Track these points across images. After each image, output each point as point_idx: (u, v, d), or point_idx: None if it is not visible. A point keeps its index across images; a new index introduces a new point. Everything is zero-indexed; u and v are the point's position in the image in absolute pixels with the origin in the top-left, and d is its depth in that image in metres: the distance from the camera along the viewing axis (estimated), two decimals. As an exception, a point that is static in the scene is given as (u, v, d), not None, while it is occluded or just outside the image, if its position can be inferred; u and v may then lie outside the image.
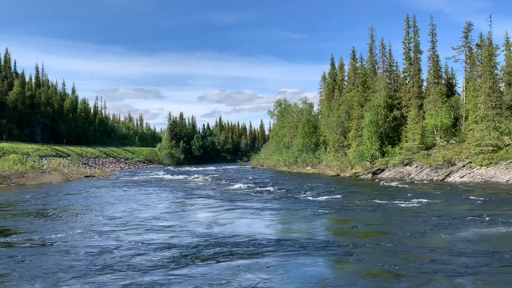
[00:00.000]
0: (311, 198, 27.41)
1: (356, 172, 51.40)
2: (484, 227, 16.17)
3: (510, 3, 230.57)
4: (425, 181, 41.03)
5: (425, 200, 24.90)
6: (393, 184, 38.46)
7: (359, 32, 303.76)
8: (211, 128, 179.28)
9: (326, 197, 27.72)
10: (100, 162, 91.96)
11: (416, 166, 46.14)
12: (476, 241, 13.90)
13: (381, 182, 40.72)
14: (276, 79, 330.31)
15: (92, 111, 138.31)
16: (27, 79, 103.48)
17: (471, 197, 26.22)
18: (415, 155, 47.07)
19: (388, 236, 15.20)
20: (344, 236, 15.39)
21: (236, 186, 38.93)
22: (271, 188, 34.94)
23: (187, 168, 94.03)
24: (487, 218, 18.06)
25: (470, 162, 41.59)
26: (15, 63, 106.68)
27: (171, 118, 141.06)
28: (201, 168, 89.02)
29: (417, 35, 54.55)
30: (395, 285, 9.65)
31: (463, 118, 49.89)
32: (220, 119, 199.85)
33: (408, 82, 55.61)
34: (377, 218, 19.18)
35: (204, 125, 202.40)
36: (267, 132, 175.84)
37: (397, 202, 24.42)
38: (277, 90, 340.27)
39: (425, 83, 55.64)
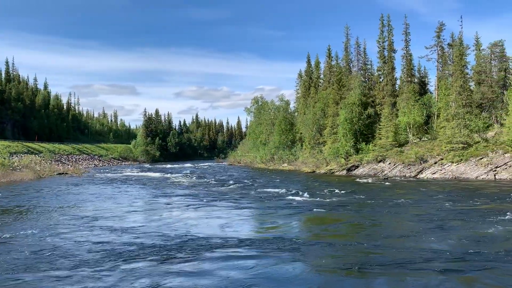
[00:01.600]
0: (284, 196, 27.56)
1: (331, 169, 51.98)
2: (458, 225, 16.59)
3: (481, 4, 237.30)
4: (398, 178, 41.84)
5: (398, 197, 25.39)
6: (367, 180, 39.09)
7: (336, 30, 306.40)
8: (188, 125, 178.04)
9: (300, 194, 27.90)
10: (73, 159, 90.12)
11: (390, 163, 46.99)
12: (450, 239, 14.23)
13: (356, 179, 41.31)
14: (253, 76, 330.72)
15: (65, 107, 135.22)
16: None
17: (442, 194, 26.90)
18: (389, 152, 47.94)
19: (358, 234, 15.46)
20: (315, 236, 15.51)
21: (211, 183, 38.81)
22: (245, 186, 34.95)
23: (163, 165, 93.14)
24: (459, 215, 18.57)
25: (442, 159, 42.62)
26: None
27: (147, 115, 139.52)
28: (177, 166, 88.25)
29: (391, 34, 55.44)
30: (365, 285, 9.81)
31: (435, 116, 51.07)
32: (196, 115, 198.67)
33: (382, 80, 56.49)
34: (348, 215, 19.40)
35: (180, 121, 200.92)
36: (244, 129, 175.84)
37: (370, 199, 24.82)
38: (255, 87, 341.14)
39: (398, 82, 56.65)
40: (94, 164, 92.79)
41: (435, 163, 42.90)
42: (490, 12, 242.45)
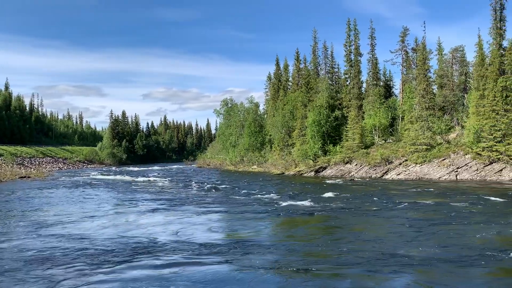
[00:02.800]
0: (253, 198, 27.55)
1: (300, 170, 52.51)
2: (425, 225, 17.04)
3: (443, 11, 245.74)
4: (365, 178, 42.68)
5: (365, 198, 25.89)
6: (335, 181, 39.64)
7: (304, 33, 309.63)
8: (156, 127, 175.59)
9: (268, 196, 28.00)
10: (37, 162, 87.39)
11: (356, 164, 47.90)
12: (418, 241, 14.58)
13: (324, 180, 41.83)
14: (223, 78, 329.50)
15: (27, 108, 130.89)
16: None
17: (408, 194, 27.65)
18: (355, 153, 48.84)
19: (324, 237, 15.64)
20: (279, 239, 15.55)
21: (178, 186, 38.40)
22: (213, 188, 34.61)
23: (130, 168, 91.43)
24: (426, 216, 19.09)
25: (406, 160, 43.81)
26: None
27: (113, 116, 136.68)
28: (144, 168, 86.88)
29: (357, 38, 56.58)
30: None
31: (400, 118, 52.44)
32: (165, 117, 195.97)
33: (349, 83, 57.56)
34: (316, 218, 19.50)
35: (148, 123, 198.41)
36: (213, 131, 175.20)
37: (338, 200, 25.18)
38: (224, 89, 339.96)
39: (364, 85, 57.91)
40: (59, 167, 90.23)
41: (400, 164, 44.04)
42: (452, 19, 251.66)
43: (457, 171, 39.27)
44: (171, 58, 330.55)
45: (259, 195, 28.14)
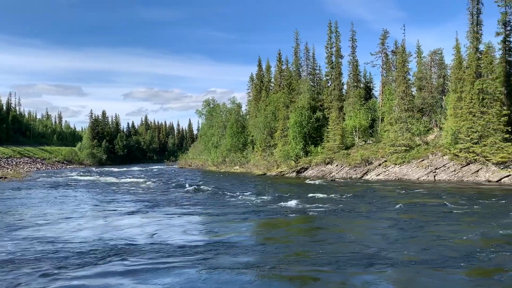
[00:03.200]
0: (235, 199, 27.44)
1: (281, 171, 52.62)
2: (404, 226, 17.18)
3: (422, 14, 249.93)
4: (345, 179, 42.98)
5: (346, 198, 26.03)
6: (316, 182, 39.78)
7: (287, 34, 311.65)
8: (137, 127, 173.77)
9: (250, 197, 27.93)
10: (14, 163, 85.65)
11: (337, 165, 48.22)
12: (397, 242, 14.69)
13: (305, 180, 41.95)
14: (205, 78, 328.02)
15: (4, 107, 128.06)
16: None
17: (387, 195, 27.92)
18: (336, 154, 49.17)
19: (304, 238, 15.65)
20: (257, 241, 15.49)
21: (158, 188, 38.01)
22: (194, 189, 34.34)
23: (109, 169, 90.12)
24: (405, 216, 19.27)
25: (386, 161, 44.30)
26: None
27: (93, 116, 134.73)
28: (124, 169, 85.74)
29: (338, 40, 57.04)
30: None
31: (380, 120, 53.04)
32: (146, 117, 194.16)
33: (330, 85, 57.98)
34: (296, 219, 19.54)
35: (128, 123, 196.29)
36: (195, 132, 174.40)
37: (320, 202, 25.25)
38: (207, 89, 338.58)
39: (345, 86, 58.42)
40: (37, 168, 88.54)
41: (380, 165, 44.51)
42: (431, 22, 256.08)
43: (435, 172, 39.89)
44: (153, 58, 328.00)
45: (240, 196, 28.03)
